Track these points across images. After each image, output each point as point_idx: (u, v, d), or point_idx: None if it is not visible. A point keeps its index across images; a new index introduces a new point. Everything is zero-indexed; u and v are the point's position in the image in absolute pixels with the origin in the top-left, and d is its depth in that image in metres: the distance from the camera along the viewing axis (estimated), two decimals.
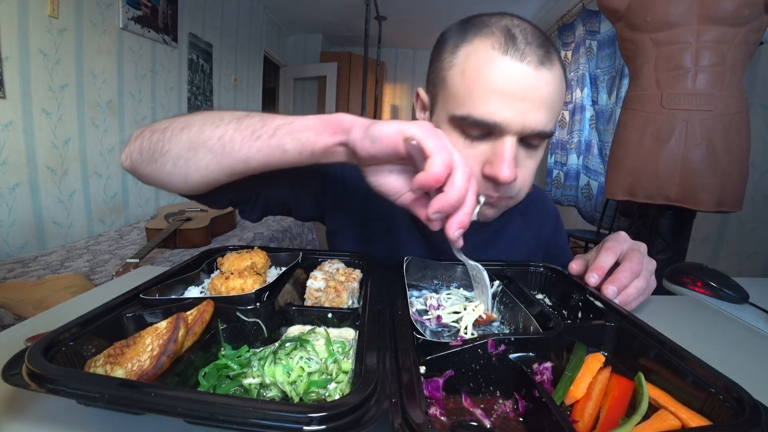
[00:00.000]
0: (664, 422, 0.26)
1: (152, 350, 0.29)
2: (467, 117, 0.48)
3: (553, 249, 0.73)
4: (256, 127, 0.43)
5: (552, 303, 0.50)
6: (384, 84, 5.01)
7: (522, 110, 0.47)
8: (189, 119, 0.47)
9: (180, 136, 0.46)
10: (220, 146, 0.44)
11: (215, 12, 3.07)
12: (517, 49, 0.47)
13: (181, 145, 0.46)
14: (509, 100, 0.46)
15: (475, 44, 0.49)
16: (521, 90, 0.46)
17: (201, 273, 0.48)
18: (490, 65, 0.47)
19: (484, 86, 0.47)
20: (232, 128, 0.44)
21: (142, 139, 0.49)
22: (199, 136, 0.45)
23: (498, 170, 0.48)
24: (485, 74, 0.47)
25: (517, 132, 0.48)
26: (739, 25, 1.15)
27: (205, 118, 0.46)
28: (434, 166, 0.34)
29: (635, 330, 0.35)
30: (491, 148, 0.50)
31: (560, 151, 3.63)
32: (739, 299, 0.60)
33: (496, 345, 0.32)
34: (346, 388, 0.30)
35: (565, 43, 3.46)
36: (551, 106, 0.49)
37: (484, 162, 0.50)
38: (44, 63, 1.66)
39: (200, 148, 0.45)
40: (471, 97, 0.48)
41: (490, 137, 0.50)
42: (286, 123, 0.42)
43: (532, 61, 0.46)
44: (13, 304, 1.05)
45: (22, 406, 0.29)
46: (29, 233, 1.66)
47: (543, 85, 0.47)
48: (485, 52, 0.48)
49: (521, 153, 0.51)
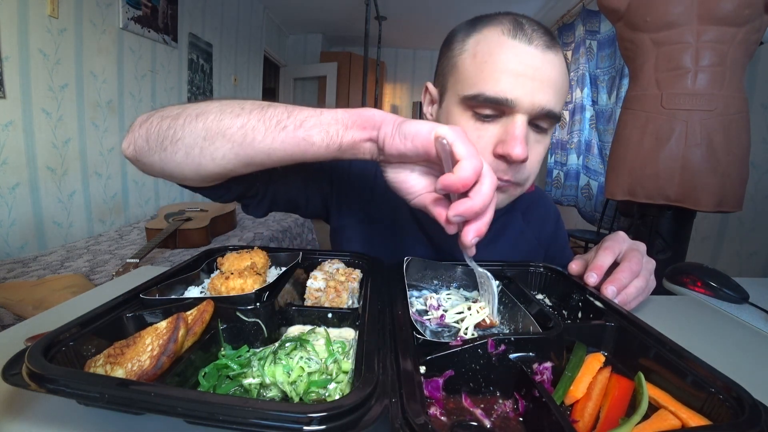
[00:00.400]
0: (664, 422, 0.26)
1: (152, 350, 0.29)
2: (479, 95, 0.50)
3: (553, 249, 0.73)
4: (281, 117, 0.41)
5: (552, 303, 0.50)
6: (384, 84, 5.01)
7: (532, 89, 0.48)
8: (205, 106, 0.44)
9: (195, 124, 0.43)
10: (241, 136, 0.42)
11: (215, 12, 3.07)
12: (525, 33, 0.49)
13: (196, 133, 0.43)
14: (519, 79, 0.48)
15: (485, 32, 0.52)
16: (530, 70, 0.48)
17: (201, 273, 0.48)
18: (500, 48, 0.50)
19: (495, 66, 0.49)
20: (255, 117, 0.42)
21: (149, 125, 0.46)
22: (217, 124, 0.42)
23: (510, 148, 0.48)
24: (496, 56, 0.50)
25: (528, 110, 0.49)
26: (739, 25, 1.14)
27: (224, 106, 0.44)
28: (464, 170, 0.34)
29: (635, 330, 0.35)
30: (503, 128, 0.51)
31: (560, 151, 3.63)
32: (739, 299, 0.60)
33: (496, 345, 0.32)
34: (346, 388, 0.30)
35: (565, 43, 3.46)
36: (558, 88, 0.51)
37: (496, 143, 0.51)
38: (44, 63, 1.66)
39: (218, 137, 0.42)
40: (482, 77, 0.50)
41: (501, 117, 0.51)
42: (314, 115, 0.41)
43: (539, 44, 0.49)
44: (13, 304, 1.05)
45: (22, 406, 0.29)
46: (29, 233, 1.66)
47: (550, 66, 0.49)
48: (495, 37, 0.51)
49: (531, 135, 0.52)
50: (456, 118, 0.54)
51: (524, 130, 0.49)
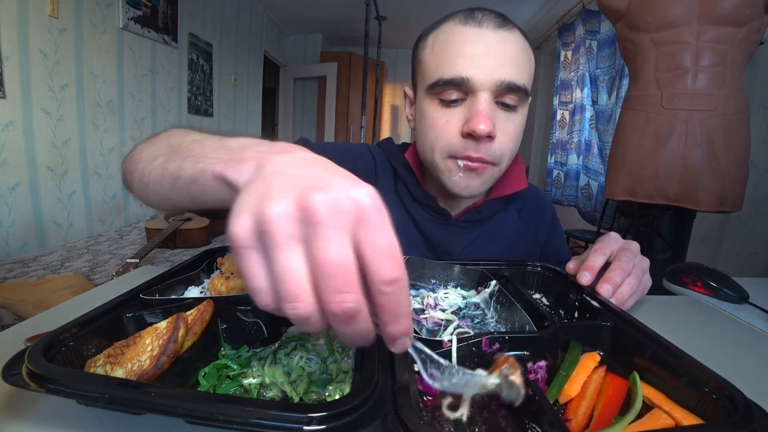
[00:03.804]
0: (657, 421, 0.27)
1: (152, 350, 0.29)
2: (439, 80, 0.53)
3: (550, 246, 0.73)
4: (175, 168, 0.34)
5: (549, 302, 0.50)
6: (384, 84, 5.01)
7: (489, 67, 0.51)
8: (144, 153, 0.41)
9: (135, 174, 0.41)
10: (157, 189, 0.38)
11: (215, 12, 3.07)
12: (474, 19, 0.53)
13: (137, 184, 0.41)
14: (474, 58, 0.51)
15: (441, 27, 0.56)
16: (483, 48, 0.51)
17: (201, 273, 0.48)
18: (454, 35, 0.53)
19: (449, 52, 0.53)
20: (159, 168, 0.36)
21: (124, 166, 0.45)
22: (143, 176, 0.39)
23: (474, 123, 0.51)
24: (450, 43, 0.53)
25: (489, 87, 0.51)
26: (739, 25, 1.14)
27: (154, 150, 0.39)
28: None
29: (630, 329, 0.35)
30: (468, 108, 0.53)
31: (560, 151, 3.63)
32: (739, 299, 0.60)
33: (491, 343, 0.32)
34: (346, 388, 0.30)
35: (565, 43, 3.45)
36: (517, 63, 0.53)
37: (462, 124, 0.53)
38: (44, 63, 1.66)
39: (148, 189, 0.39)
40: (439, 63, 0.54)
41: (465, 99, 0.54)
42: (195, 160, 0.31)
43: (489, 25, 0.52)
44: (13, 304, 1.06)
45: (22, 406, 0.29)
46: (29, 233, 1.66)
47: (503, 44, 0.52)
48: (448, 28, 0.55)
49: (499, 114, 0.54)
50: (425, 109, 0.57)
51: (487, 105, 0.51)
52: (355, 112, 4.56)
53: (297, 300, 0.20)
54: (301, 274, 0.20)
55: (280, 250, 0.20)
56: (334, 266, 0.20)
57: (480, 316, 0.45)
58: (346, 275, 0.20)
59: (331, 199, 0.20)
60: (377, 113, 3.32)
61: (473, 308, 0.46)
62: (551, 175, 3.73)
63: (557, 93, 3.57)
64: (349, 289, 0.20)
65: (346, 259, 0.20)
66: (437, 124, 0.56)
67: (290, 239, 0.20)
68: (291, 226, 0.20)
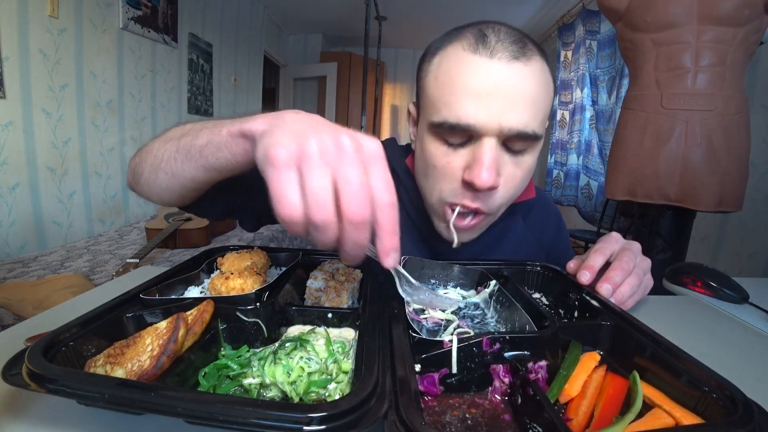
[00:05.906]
0: (657, 420, 0.27)
1: (152, 350, 0.29)
2: (443, 123, 0.47)
3: (555, 251, 0.73)
4: (191, 145, 0.40)
5: (549, 302, 0.50)
6: (384, 84, 5.01)
7: (497, 109, 0.45)
8: (156, 142, 0.47)
9: (147, 160, 0.46)
10: (168, 167, 0.43)
11: (215, 12, 3.07)
12: (487, 46, 0.46)
13: (148, 169, 0.46)
14: (482, 99, 0.45)
15: (448, 49, 0.49)
16: (493, 87, 0.45)
17: (201, 273, 0.48)
18: (460, 66, 0.46)
19: (455, 88, 0.46)
20: (173, 147, 0.42)
21: (134, 161, 0.50)
22: (155, 159, 0.45)
23: (475, 175, 0.46)
24: (455, 76, 0.47)
25: (495, 133, 0.46)
26: (739, 25, 1.15)
27: (167, 136, 0.45)
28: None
29: (630, 329, 0.35)
30: (471, 153, 0.48)
31: (560, 151, 3.63)
32: (739, 299, 0.60)
33: (491, 343, 0.32)
34: (346, 388, 0.30)
35: (565, 43, 3.46)
36: (531, 102, 0.46)
37: (464, 168, 0.49)
38: (44, 63, 1.66)
39: (158, 170, 0.44)
40: (445, 101, 0.47)
41: (470, 142, 0.48)
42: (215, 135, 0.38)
43: (503, 56, 0.45)
44: (13, 304, 1.06)
45: (22, 406, 0.29)
46: (29, 233, 1.66)
47: (517, 80, 0.45)
48: (455, 54, 0.48)
49: (505, 158, 0.49)
50: (427, 145, 0.52)
51: (492, 154, 0.46)
52: (355, 112, 4.56)
53: (324, 209, 0.27)
54: (330, 191, 0.27)
55: (317, 171, 0.27)
56: (356, 186, 0.27)
57: (480, 316, 0.45)
58: (364, 195, 0.28)
59: (352, 139, 0.29)
60: (377, 113, 3.32)
61: (473, 308, 0.46)
62: (551, 175, 3.74)
63: (557, 93, 3.58)
64: (365, 203, 0.28)
65: (365, 182, 0.28)
66: (438, 164, 0.51)
67: (323, 165, 0.27)
68: (324, 157, 0.28)
